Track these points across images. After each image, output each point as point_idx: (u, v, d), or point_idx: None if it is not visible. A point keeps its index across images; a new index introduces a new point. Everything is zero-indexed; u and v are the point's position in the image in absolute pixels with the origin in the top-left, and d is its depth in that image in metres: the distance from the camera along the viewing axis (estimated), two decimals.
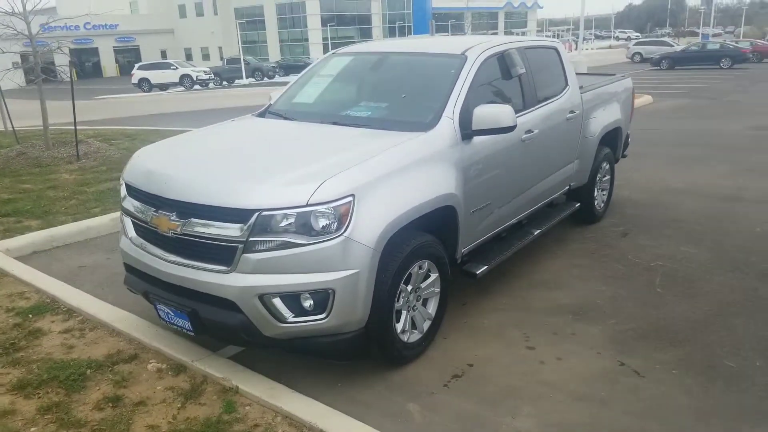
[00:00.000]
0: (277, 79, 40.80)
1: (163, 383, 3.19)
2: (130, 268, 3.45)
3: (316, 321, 2.91)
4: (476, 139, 3.74)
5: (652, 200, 6.68)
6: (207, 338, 3.37)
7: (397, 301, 3.21)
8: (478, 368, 3.39)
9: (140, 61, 41.46)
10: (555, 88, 4.91)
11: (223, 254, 2.91)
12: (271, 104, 4.56)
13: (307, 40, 59.88)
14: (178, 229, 3.00)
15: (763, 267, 4.68)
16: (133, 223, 3.41)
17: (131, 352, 3.51)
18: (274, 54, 59.34)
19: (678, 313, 3.98)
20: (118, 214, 5.97)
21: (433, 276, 3.48)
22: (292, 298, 2.89)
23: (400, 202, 3.11)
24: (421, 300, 3.46)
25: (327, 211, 2.82)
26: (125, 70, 53.53)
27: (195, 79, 34.82)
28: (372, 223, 2.94)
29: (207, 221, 2.93)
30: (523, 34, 77.80)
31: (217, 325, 3.03)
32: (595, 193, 5.77)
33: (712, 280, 4.47)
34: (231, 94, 28.32)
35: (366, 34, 62.55)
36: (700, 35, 55.44)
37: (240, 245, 2.85)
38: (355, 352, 3.12)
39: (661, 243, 5.30)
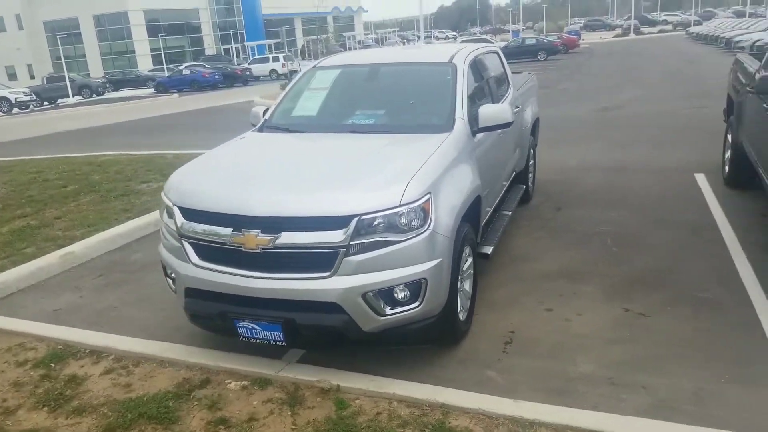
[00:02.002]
0: (108, 95, 38.03)
1: (257, 398, 3.26)
2: (195, 293, 3.41)
3: (411, 310, 3.19)
4: (477, 135, 4.22)
5: (560, 178, 7.66)
6: (267, 349, 3.49)
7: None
8: (520, 333, 3.87)
9: None
10: (504, 86, 5.56)
11: (322, 261, 3.08)
12: (266, 119, 4.64)
13: (133, 52, 56.32)
14: (270, 245, 3.09)
15: (680, 220, 5.72)
16: (196, 246, 3.38)
17: (199, 377, 3.49)
18: (95, 68, 55.06)
19: (642, 265, 4.79)
20: (62, 251, 5.66)
21: (470, 259, 3.90)
22: (389, 292, 3.14)
23: (457, 196, 3.50)
24: (463, 282, 3.86)
25: (415, 209, 3.12)
26: None
27: (14, 101, 31.30)
28: (445, 216, 3.30)
29: (303, 232, 3.07)
30: (353, 37, 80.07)
31: (316, 329, 3.18)
32: (529, 176, 6.55)
33: (651, 236, 5.40)
34: (69, 115, 25.82)
35: (197, 43, 60.52)
36: (511, 32, 61.43)
37: (341, 250, 3.04)
38: (437, 334, 3.45)
39: (591, 212, 6.20)
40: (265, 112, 4.77)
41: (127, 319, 4.38)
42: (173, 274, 3.57)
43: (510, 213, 5.27)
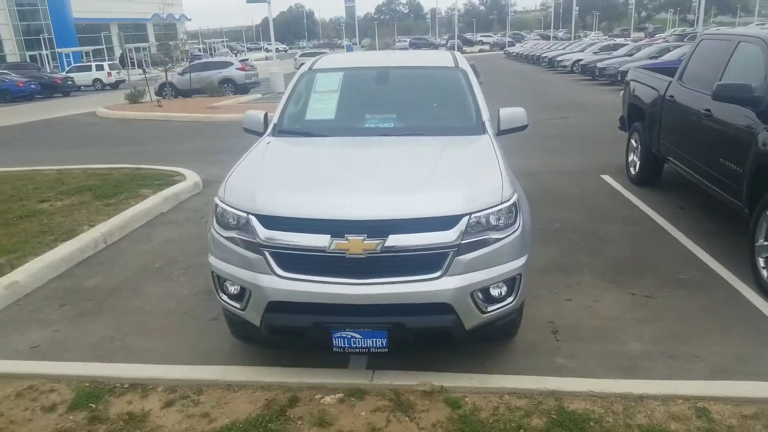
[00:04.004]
0: None
1: (362, 409, 3.13)
2: (280, 306, 3.14)
3: (507, 305, 3.29)
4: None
5: None
6: (331, 359, 3.43)
7: None
8: (559, 322, 4.12)
9: None
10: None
11: (431, 262, 3.06)
12: (276, 124, 4.40)
13: None
14: (377, 249, 2.99)
15: (618, 215, 6.44)
16: (279, 256, 3.12)
17: (283, 396, 3.25)
18: None
19: (617, 255, 5.33)
20: (5, 280, 4.86)
21: None
22: (490, 289, 3.21)
23: (521, 193, 3.66)
24: None
25: (510, 206, 3.24)
26: None
27: None
28: (525, 212, 3.47)
29: (413, 234, 3.02)
30: (176, 46, 76.28)
31: (424, 331, 3.13)
32: None
33: (604, 229, 6.01)
34: None
35: None
36: (345, 47, 63.17)
37: (452, 250, 3.05)
38: (516, 328, 3.57)
39: (537, 211, 6.66)
40: (265, 117, 4.52)
41: (140, 349, 3.88)
42: (236, 289, 3.28)
43: None
